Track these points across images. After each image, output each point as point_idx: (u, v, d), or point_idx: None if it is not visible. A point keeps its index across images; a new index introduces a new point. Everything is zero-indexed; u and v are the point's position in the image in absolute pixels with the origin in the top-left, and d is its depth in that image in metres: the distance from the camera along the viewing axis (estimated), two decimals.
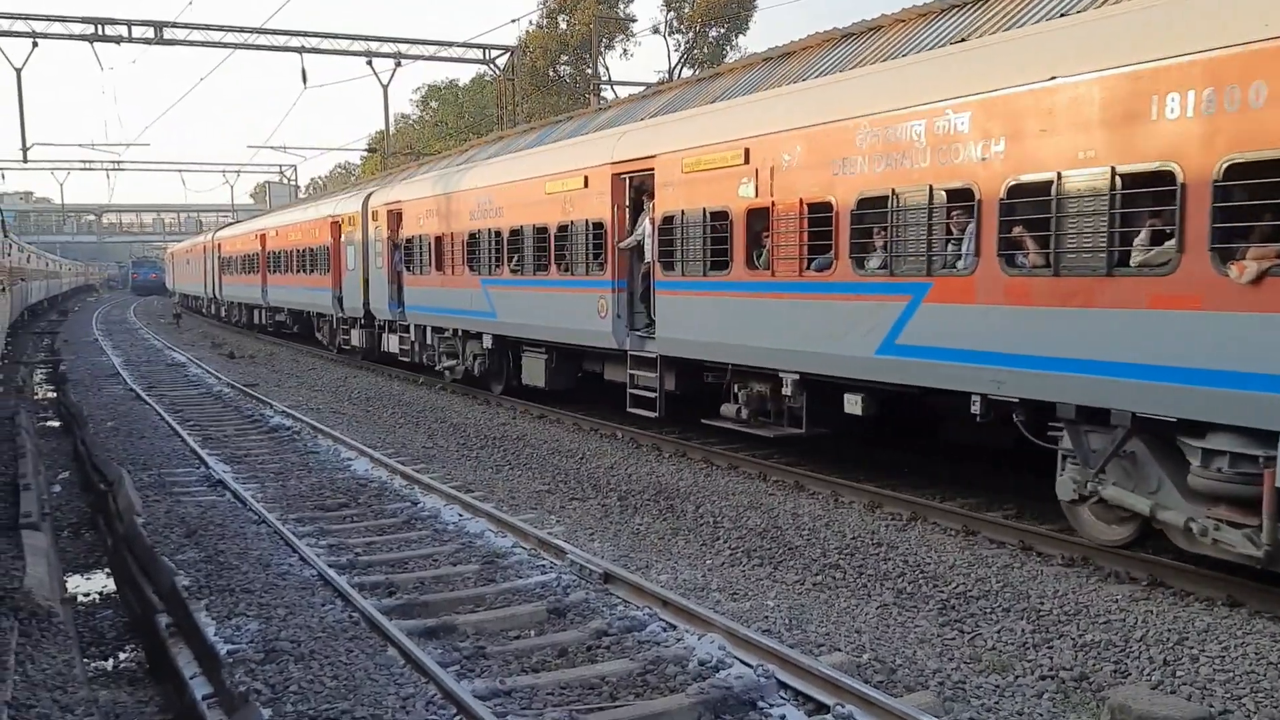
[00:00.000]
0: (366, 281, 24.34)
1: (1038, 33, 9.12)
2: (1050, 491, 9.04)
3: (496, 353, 18.62)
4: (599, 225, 14.61)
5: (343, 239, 26.27)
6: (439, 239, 20.16)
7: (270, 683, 6.20)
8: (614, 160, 14.42)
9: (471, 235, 18.69)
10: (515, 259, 17.06)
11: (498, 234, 17.67)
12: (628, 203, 14.29)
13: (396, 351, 23.29)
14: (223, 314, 46.53)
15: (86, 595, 8.87)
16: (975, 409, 9.16)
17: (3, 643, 6.76)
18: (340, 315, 27.26)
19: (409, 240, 21.76)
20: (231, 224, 53.47)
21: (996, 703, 6.07)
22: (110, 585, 9.09)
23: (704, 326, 12.65)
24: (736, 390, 12.52)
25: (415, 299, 21.84)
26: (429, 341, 21.44)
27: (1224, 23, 7.20)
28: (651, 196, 13.60)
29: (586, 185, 14.82)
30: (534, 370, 17.07)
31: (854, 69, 12.07)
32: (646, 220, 13.71)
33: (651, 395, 13.76)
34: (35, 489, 11.27)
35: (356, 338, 26.19)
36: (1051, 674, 6.46)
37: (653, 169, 13.48)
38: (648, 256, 13.69)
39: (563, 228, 15.45)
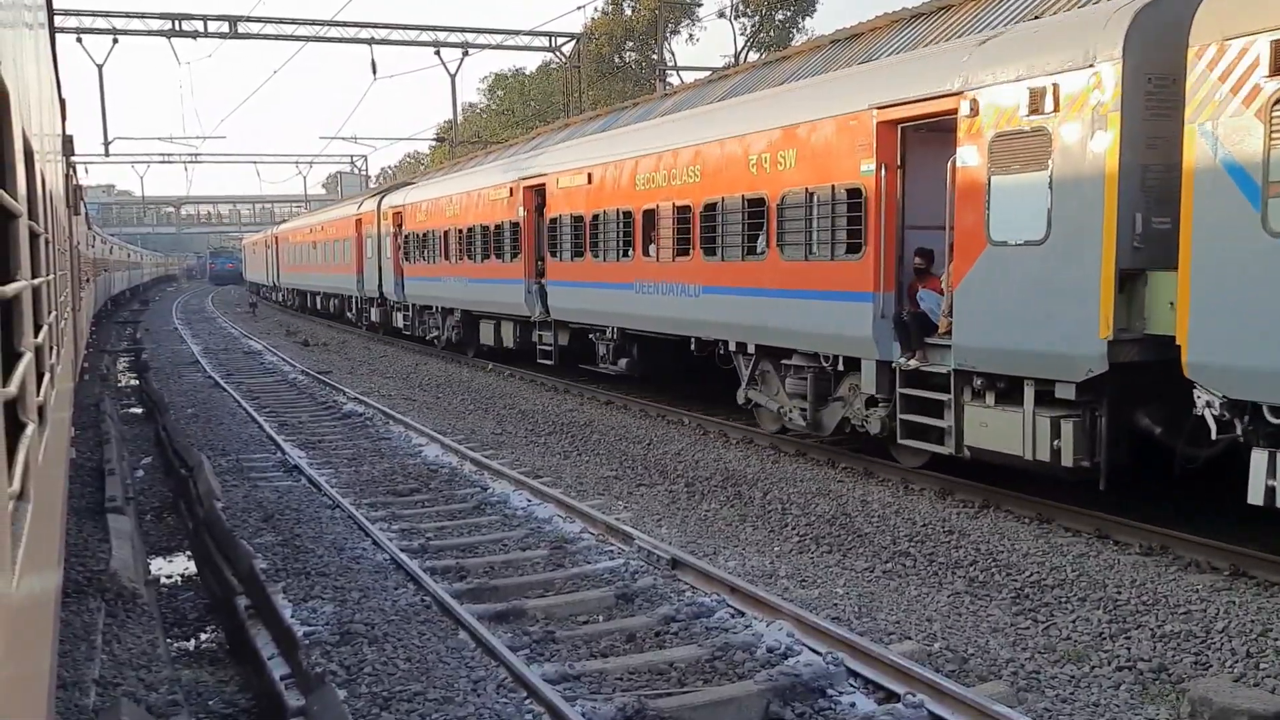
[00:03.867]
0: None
1: None
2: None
3: None
4: None
5: (989, 163, 9.20)
6: None
7: (345, 664, 6.33)
8: None
9: None
10: None
11: None
12: None
13: None
14: (401, 323, 29.86)
15: (169, 577, 9.12)
16: None
17: (90, 623, 6.99)
18: (892, 360, 10.59)
19: None
20: (416, 182, 35.22)
21: (1072, 693, 5.96)
22: (191, 568, 9.34)
23: None
24: None
25: None
26: None
27: None
28: None
29: None
30: None
31: None
32: None
33: None
34: (119, 474, 11.63)
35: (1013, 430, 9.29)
36: (1129, 665, 6.32)
37: None
38: None
39: None
